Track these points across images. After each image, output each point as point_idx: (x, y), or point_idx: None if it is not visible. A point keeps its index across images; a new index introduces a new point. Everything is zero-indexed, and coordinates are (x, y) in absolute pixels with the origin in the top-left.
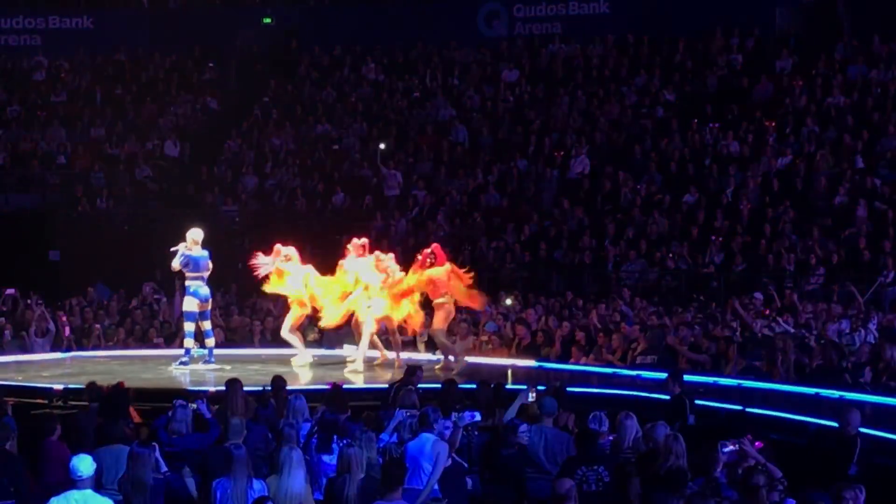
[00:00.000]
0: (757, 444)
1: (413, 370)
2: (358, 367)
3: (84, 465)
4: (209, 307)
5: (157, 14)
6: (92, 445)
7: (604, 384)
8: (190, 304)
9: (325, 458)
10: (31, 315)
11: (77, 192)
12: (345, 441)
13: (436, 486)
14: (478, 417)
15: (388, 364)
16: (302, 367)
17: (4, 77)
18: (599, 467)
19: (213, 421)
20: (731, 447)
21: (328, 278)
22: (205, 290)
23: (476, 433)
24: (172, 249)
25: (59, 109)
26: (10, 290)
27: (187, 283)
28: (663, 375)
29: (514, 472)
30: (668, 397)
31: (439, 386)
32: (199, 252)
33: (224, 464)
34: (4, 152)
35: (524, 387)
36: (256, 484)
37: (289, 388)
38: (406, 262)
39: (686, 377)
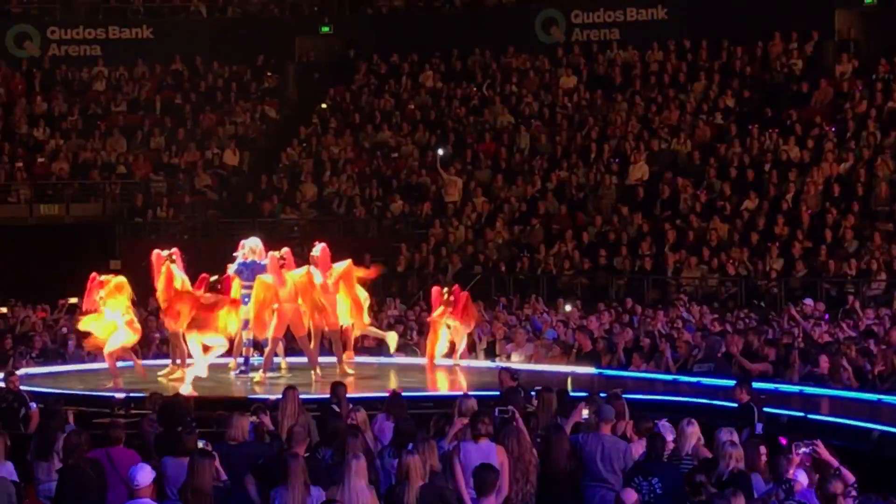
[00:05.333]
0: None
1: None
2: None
3: (141, 474)
4: None
5: (216, 24)
6: (154, 455)
7: (664, 391)
8: (245, 313)
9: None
10: None
11: (137, 201)
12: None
13: None
14: None
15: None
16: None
17: (65, 87)
18: (654, 479)
19: (273, 431)
20: (805, 449)
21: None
22: None
23: None
24: (235, 255)
25: (119, 119)
26: (73, 300)
27: (242, 291)
28: (723, 382)
29: (571, 480)
30: (732, 405)
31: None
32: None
33: (281, 472)
34: (65, 162)
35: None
36: (314, 491)
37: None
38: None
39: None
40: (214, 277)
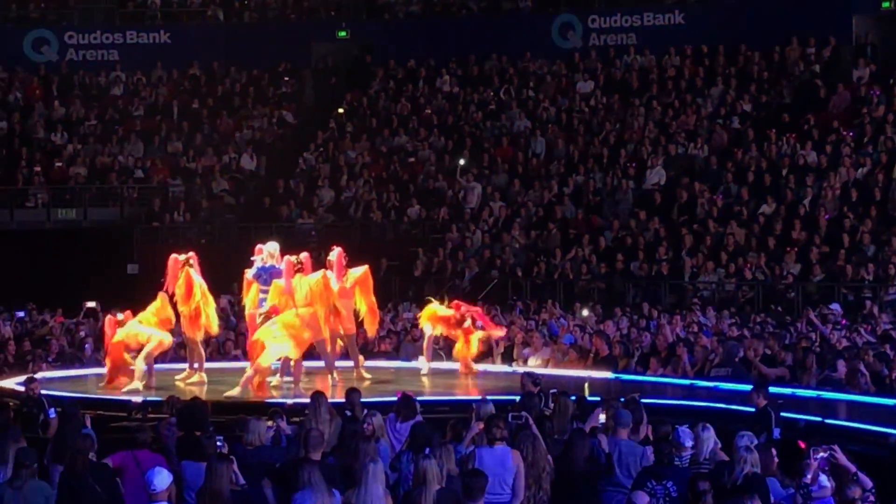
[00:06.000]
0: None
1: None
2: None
3: (158, 478)
4: None
5: (233, 29)
6: (173, 458)
7: (681, 396)
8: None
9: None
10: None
11: (154, 205)
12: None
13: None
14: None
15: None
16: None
17: (83, 92)
18: (668, 482)
19: (290, 435)
20: (823, 454)
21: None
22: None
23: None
24: (252, 259)
25: (136, 124)
26: (90, 304)
27: (260, 295)
28: (740, 387)
29: (588, 484)
30: (749, 409)
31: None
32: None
33: (303, 476)
34: (83, 166)
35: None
36: (336, 496)
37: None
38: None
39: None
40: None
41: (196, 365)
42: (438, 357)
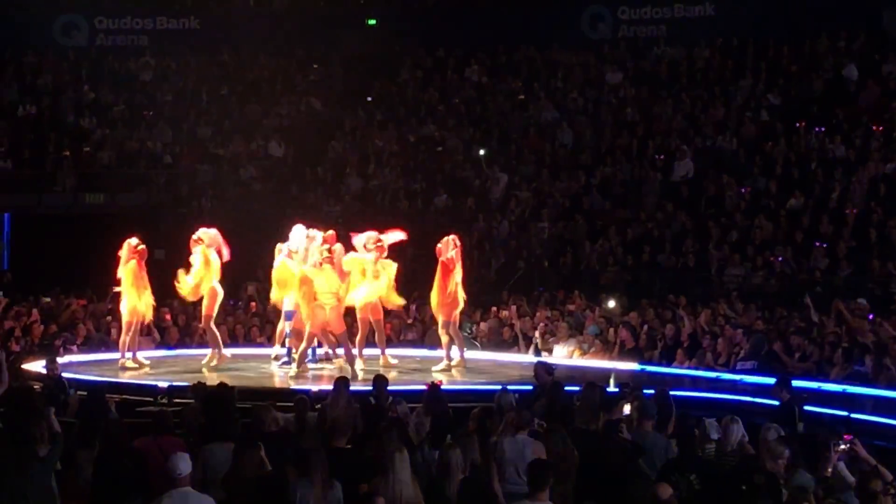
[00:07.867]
0: (847, 437)
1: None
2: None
3: (183, 463)
4: None
5: (263, 15)
6: (198, 443)
7: (707, 388)
8: (288, 304)
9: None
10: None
11: (182, 191)
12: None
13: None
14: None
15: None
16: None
17: (112, 77)
18: (692, 475)
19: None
20: (843, 447)
21: None
22: None
23: None
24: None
25: (165, 109)
26: (117, 289)
27: None
28: (765, 380)
29: (617, 475)
30: (773, 403)
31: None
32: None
33: (304, 466)
34: (111, 152)
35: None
36: (336, 486)
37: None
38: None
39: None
40: None
41: (215, 349)
42: (474, 346)
